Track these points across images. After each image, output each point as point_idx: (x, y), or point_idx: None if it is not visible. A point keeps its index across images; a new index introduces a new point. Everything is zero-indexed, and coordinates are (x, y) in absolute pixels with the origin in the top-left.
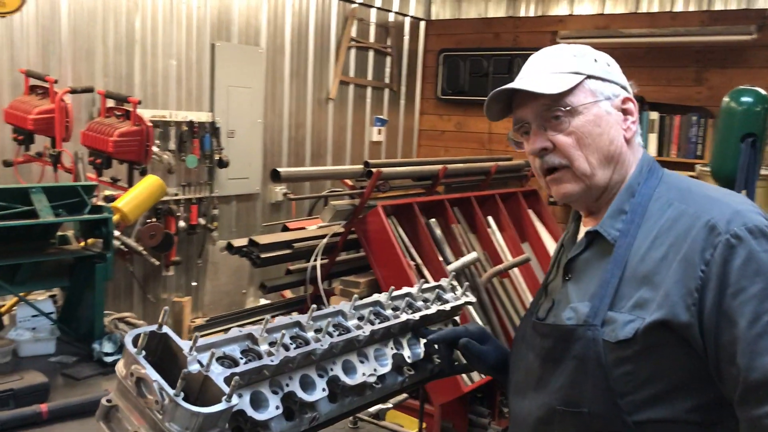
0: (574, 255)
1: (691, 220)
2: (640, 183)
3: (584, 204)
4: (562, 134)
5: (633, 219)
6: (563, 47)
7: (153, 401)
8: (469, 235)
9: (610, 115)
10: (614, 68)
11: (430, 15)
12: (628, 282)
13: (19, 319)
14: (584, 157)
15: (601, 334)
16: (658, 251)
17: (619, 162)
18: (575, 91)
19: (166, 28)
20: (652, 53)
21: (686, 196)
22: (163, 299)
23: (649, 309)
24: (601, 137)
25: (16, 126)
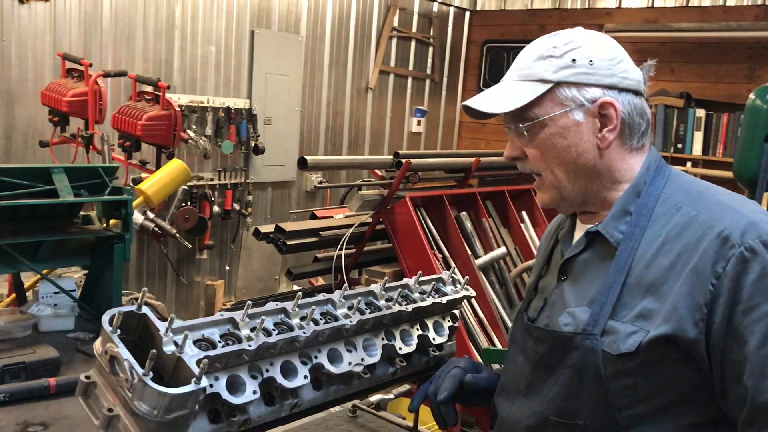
0: (571, 255)
1: (703, 228)
2: (647, 182)
3: (568, 210)
4: (530, 146)
5: (638, 221)
6: (543, 42)
7: (124, 380)
8: (501, 229)
9: (581, 125)
10: (601, 65)
11: (476, 5)
12: (632, 289)
13: (41, 295)
14: (550, 170)
15: (600, 344)
16: (666, 259)
17: (598, 173)
18: (541, 101)
19: (206, 14)
20: (701, 48)
21: (696, 201)
22: (196, 282)
23: (654, 321)
24: (568, 150)
25: (51, 108)
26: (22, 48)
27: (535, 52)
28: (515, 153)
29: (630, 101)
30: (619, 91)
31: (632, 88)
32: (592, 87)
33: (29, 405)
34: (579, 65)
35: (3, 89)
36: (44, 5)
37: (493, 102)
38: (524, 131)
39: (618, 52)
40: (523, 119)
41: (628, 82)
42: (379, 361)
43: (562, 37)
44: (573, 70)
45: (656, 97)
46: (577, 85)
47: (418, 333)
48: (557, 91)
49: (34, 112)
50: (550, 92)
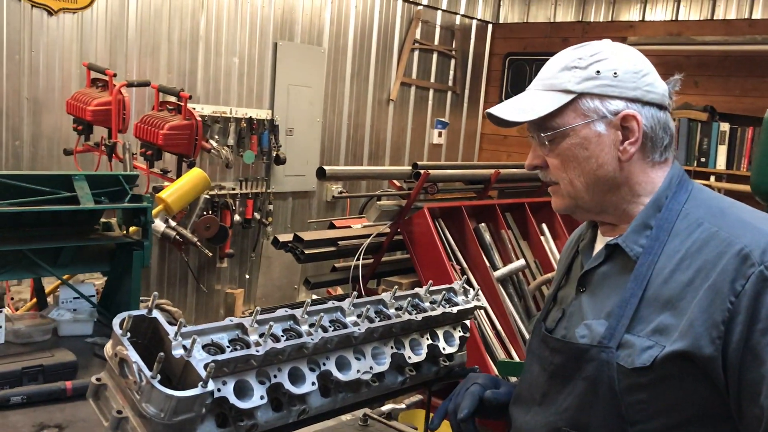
0: (591, 267)
1: (723, 245)
2: (668, 197)
3: (583, 217)
4: (551, 155)
5: (658, 235)
6: (569, 54)
7: (132, 382)
8: (520, 241)
9: (602, 137)
10: (625, 77)
11: (498, 18)
12: (649, 304)
13: (61, 300)
14: (569, 179)
15: (615, 357)
16: (685, 275)
17: (618, 185)
18: (564, 111)
19: (230, 26)
20: (726, 62)
21: (717, 217)
22: (216, 290)
23: (671, 336)
24: (588, 161)
25: (76, 117)
26: (50, 58)
27: (560, 63)
28: (537, 162)
29: (654, 115)
30: (643, 105)
31: (656, 102)
32: (615, 99)
33: (46, 407)
34: (603, 77)
35: (31, 98)
36: (72, 17)
37: (516, 111)
38: (546, 141)
39: (644, 65)
40: (545, 129)
41: (653, 95)
42: (388, 369)
43: (589, 48)
44: (597, 81)
45: (680, 110)
46: (600, 96)
47: (428, 342)
48: (580, 102)
49: (59, 120)
50: (573, 103)
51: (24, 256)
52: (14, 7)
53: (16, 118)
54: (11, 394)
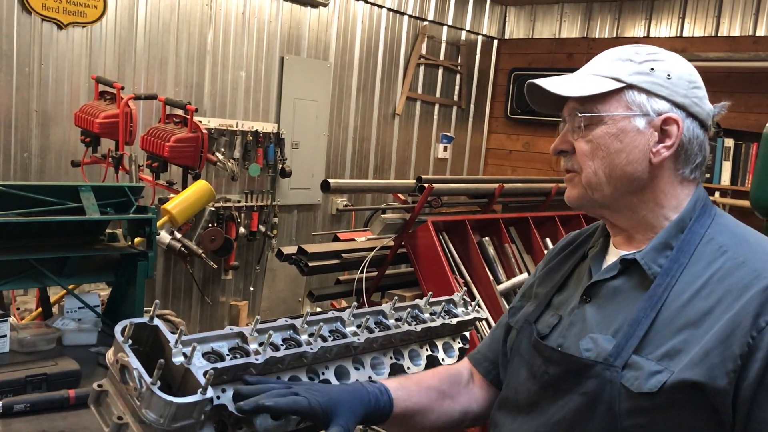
0: (601, 278)
1: (749, 277)
2: (692, 219)
3: (591, 210)
4: (582, 140)
5: (678, 258)
6: (627, 48)
7: (133, 388)
8: (524, 255)
9: (640, 134)
10: (678, 82)
11: (504, 34)
12: (663, 327)
13: (66, 309)
14: (594, 169)
15: (620, 377)
16: (705, 302)
17: (642, 188)
18: (608, 98)
19: (237, 40)
20: (731, 78)
21: (743, 246)
22: (221, 302)
23: (680, 362)
24: (619, 154)
25: (84, 129)
26: (59, 71)
27: (616, 54)
28: (564, 146)
29: (694, 129)
30: (687, 115)
31: (700, 118)
32: (662, 99)
33: (49, 415)
34: (656, 75)
35: (40, 110)
36: (81, 31)
37: (563, 86)
38: (582, 123)
39: (698, 79)
40: (584, 111)
41: (699, 109)
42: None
43: (648, 47)
44: (649, 77)
45: None
46: (648, 92)
47: (428, 353)
48: (627, 94)
49: (67, 133)
50: (620, 92)
51: (30, 266)
52: (25, 20)
53: (25, 130)
54: (15, 402)
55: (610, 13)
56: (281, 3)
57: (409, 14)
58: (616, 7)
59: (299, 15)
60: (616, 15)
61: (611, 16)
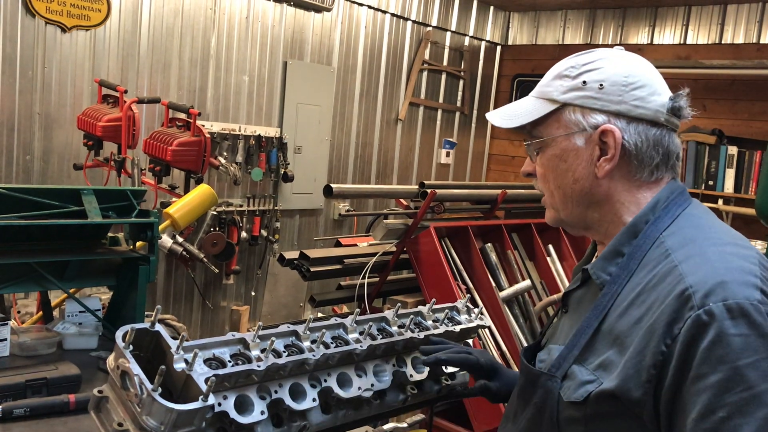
0: (569, 289)
1: (674, 282)
2: (649, 221)
3: (572, 231)
4: (538, 164)
5: (628, 264)
6: (566, 62)
7: (134, 394)
8: (527, 262)
9: (580, 151)
10: (611, 90)
11: (507, 40)
12: (603, 336)
13: (67, 313)
14: (549, 191)
15: (558, 387)
16: (638, 311)
17: (598, 201)
18: (548, 120)
19: (240, 45)
20: (734, 85)
21: (686, 248)
22: (222, 307)
23: (610, 374)
24: (565, 174)
25: (87, 132)
26: (63, 75)
27: (556, 70)
28: (528, 169)
29: (642, 131)
30: (629, 120)
31: (646, 118)
32: (596, 112)
33: (49, 420)
34: (588, 88)
35: (43, 113)
36: (85, 34)
37: (505, 117)
38: (533, 149)
39: (640, 77)
40: (531, 136)
41: (641, 111)
42: (390, 387)
43: (586, 56)
44: (581, 92)
45: (688, 133)
46: (582, 108)
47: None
48: (563, 113)
49: (70, 136)
50: (556, 113)
51: (31, 269)
52: (28, 24)
53: (28, 133)
54: (15, 406)
55: (614, 19)
56: (285, 7)
57: (412, 20)
58: (619, 14)
59: (303, 19)
60: (619, 22)
61: (615, 23)
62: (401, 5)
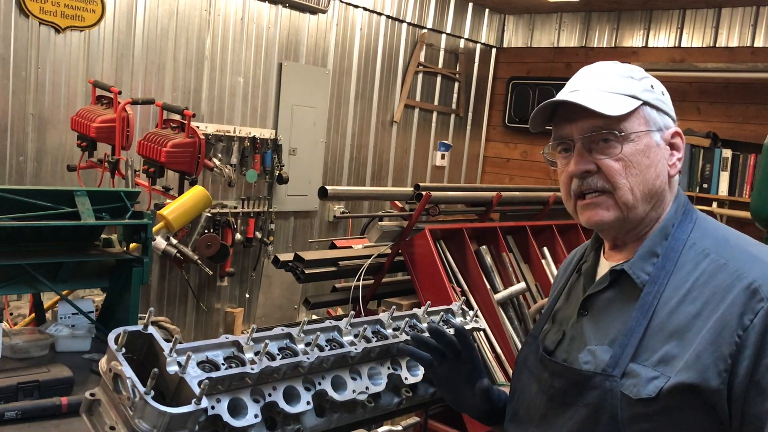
0: (594, 291)
1: (731, 278)
2: (675, 225)
3: (613, 234)
4: (611, 159)
5: (664, 264)
6: (619, 65)
7: (126, 397)
8: (521, 264)
9: (659, 148)
10: (668, 98)
11: (502, 43)
12: (655, 334)
13: (60, 315)
14: (629, 186)
15: (620, 386)
16: (692, 306)
17: (659, 199)
18: (631, 116)
19: (235, 46)
20: (728, 89)
21: (724, 248)
22: (216, 309)
23: (676, 367)
24: (649, 170)
25: (80, 133)
26: (56, 75)
27: (616, 72)
28: (589, 166)
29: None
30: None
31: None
32: (665, 115)
33: (41, 423)
34: (656, 92)
35: (36, 114)
36: (79, 35)
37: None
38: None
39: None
40: (610, 128)
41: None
42: (385, 390)
43: (633, 66)
44: (653, 94)
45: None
46: (657, 109)
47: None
48: (643, 110)
49: (64, 137)
50: (638, 110)
51: (23, 271)
52: (22, 24)
53: (21, 134)
54: (6, 409)
55: (609, 22)
56: (280, 9)
57: (408, 22)
58: (614, 17)
59: (298, 21)
60: (614, 25)
61: (609, 25)
62: (396, 7)
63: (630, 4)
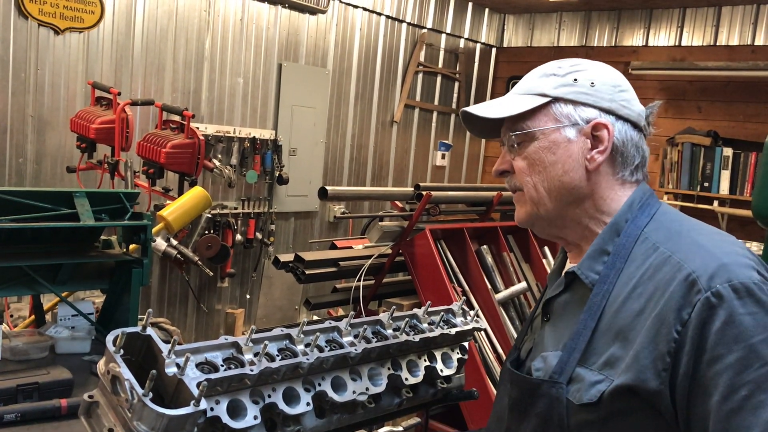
0: (552, 295)
1: (673, 270)
2: (628, 220)
3: (542, 231)
4: (519, 158)
5: (615, 262)
6: (549, 64)
7: (124, 399)
8: (522, 264)
9: (571, 143)
10: (602, 88)
11: (502, 42)
12: (602, 335)
13: (59, 317)
14: (533, 184)
15: (565, 392)
16: (636, 303)
17: (583, 196)
18: (537, 114)
19: (235, 47)
20: (729, 87)
21: (674, 240)
22: (217, 310)
23: (618, 369)
24: (554, 166)
25: (80, 134)
26: (56, 77)
27: (540, 71)
28: (504, 167)
29: (626, 131)
30: (617, 118)
31: (631, 119)
32: (588, 107)
33: (40, 425)
34: (580, 85)
35: (36, 116)
36: (78, 36)
37: (489, 109)
38: (515, 142)
39: (623, 82)
40: (515, 129)
41: (628, 111)
42: (385, 391)
43: (571, 60)
44: (573, 88)
45: (683, 135)
46: (574, 102)
47: (426, 364)
48: (553, 107)
49: (63, 138)
50: (546, 107)
51: (23, 273)
52: (21, 25)
53: (21, 136)
54: (5, 411)
55: (609, 21)
56: (279, 9)
57: (407, 22)
58: (614, 16)
59: (297, 22)
60: (614, 24)
61: (610, 24)
62: (396, 7)
63: (630, 3)
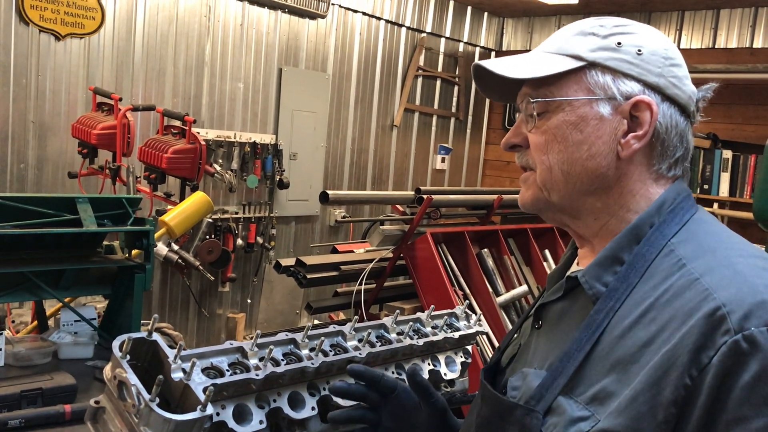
0: (547, 300)
1: (698, 298)
2: (654, 225)
3: (550, 219)
4: (536, 131)
5: (628, 275)
6: (588, 21)
7: (131, 405)
8: (523, 267)
9: (603, 121)
10: (651, 59)
11: (501, 46)
12: (597, 362)
13: (62, 322)
14: (548, 165)
15: (540, 424)
16: (645, 331)
17: (607, 187)
18: (566, 80)
19: (235, 52)
20: (728, 90)
21: (706, 259)
22: (218, 314)
23: (608, 408)
24: (579, 147)
25: (81, 140)
26: (57, 83)
27: (577, 27)
28: (516, 140)
29: (672, 114)
30: (663, 98)
31: (680, 101)
32: (631, 80)
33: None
34: (624, 51)
35: (37, 122)
36: (79, 42)
37: (509, 67)
38: (534, 111)
39: (676, 55)
40: (537, 96)
41: (677, 91)
42: None
43: (615, 19)
44: (615, 53)
45: None
46: (613, 72)
47: (430, 368)
48: (588, 74)
49: (65, 144)
50: (579, 72)
51: (26, 279)
52: (22, 31)
53: (22, 142)
54: (9, 417)
55: None
56: (279, 14)
57: (407, 26)
58: None
59: (297, 26)
60: None
61: None
62: (395, 12)
63: (629, 6)
